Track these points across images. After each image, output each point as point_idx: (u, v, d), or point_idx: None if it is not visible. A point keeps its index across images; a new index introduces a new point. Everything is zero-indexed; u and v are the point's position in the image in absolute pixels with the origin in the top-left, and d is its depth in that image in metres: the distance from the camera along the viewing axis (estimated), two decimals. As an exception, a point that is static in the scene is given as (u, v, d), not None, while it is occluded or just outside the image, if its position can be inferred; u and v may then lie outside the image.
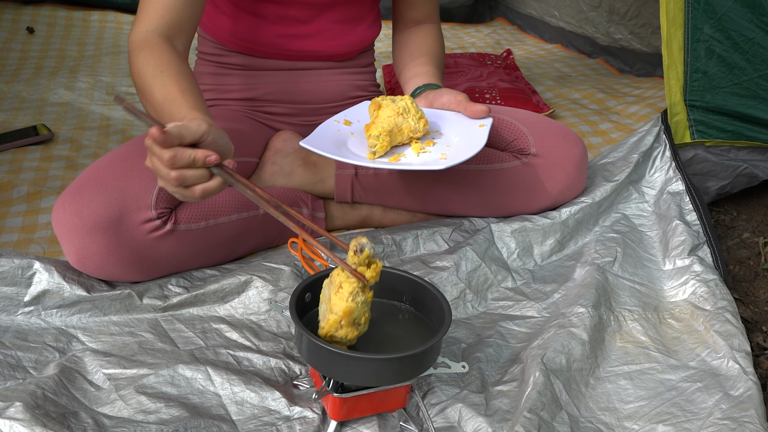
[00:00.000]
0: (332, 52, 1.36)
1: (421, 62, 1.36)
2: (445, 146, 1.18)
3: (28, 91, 1.92)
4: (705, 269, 1.26)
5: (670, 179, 1.45)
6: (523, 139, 1.31)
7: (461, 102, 1.24)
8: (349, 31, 1.36)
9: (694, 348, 1.12)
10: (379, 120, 1.16)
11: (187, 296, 1.13)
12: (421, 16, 1.44)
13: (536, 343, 1.08)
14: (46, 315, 1.09)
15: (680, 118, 1.47)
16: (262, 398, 0.97)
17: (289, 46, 1.33)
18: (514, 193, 1.32)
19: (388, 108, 1.17)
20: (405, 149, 1.19)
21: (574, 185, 1.35)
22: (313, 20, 1.32)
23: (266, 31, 1.31)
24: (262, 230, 1.28)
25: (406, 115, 1.17)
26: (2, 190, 1.42)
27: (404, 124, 1.17)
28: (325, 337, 0.88)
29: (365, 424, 0.94)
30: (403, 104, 1.18)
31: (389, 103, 1.18)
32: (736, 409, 0.98)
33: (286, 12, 1.30)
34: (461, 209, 1.36)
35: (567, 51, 2.52)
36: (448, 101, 1.26)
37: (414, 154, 1.17)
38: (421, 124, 1.18)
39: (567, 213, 1.33)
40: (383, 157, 1.15)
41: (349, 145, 1.18)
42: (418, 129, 1.18)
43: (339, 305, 0.86)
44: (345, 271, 0.87)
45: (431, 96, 1.28)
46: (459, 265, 1.23)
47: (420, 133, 1.18)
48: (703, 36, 1.41)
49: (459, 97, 1.25)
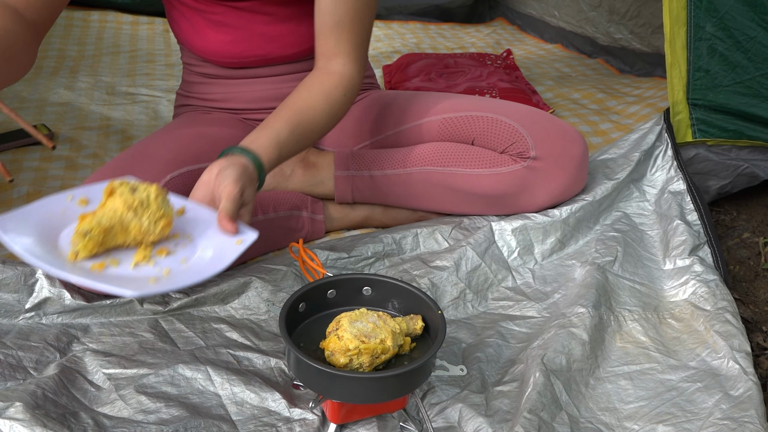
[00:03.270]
0: (277, 54, 1.30)
1: (280, 115, 1.09)
2: (180, 261, 0.91)
3: (28, 91, 1.92)
4: (705, 269, 1.25)
5: (672, 178, 1.45)
6: (522, 142, 1.27)
7: (221, 202, 0.95)
8: (288, 32, 1.28)
9: (694, 348, 1.12)
10: (100, 212, 0.89)
11: (188, 300, 1.13)
12: (328, 51, 1.17)
13: (536, 343, 1.08)
14: (47, 320, 1.09)
15: (683, 116, 1.47)
16: (262, 399, 0.97)
17: (234, 53, 1.29)
18: (514, 196, 1.31)
19: (120, 198, 0.90)
20: (127, 254, 0.91)
21: (575, 185, 1.34)
22: (244, 25, 1.26)
23: (209, 39, 1.29)
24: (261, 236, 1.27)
25: (142, 212, 0.90)
26: (2, 190, 1.42)
27: (133, 222, 0.90)
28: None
29: (365, 425, 0.94)
30: (143, 196, 0.91)
31: (125, 191, 0.91)
32: (736, 409, 0.98)
33: (215, 18, 1.26)
34: (462, 209, 1.35)
35: (567, 51, 2.52)
36: (202, 194, 0.97)
37: (130, 265, 0.89)
38: (159, 226, 0.91)
39: (568, 211, 1.33)
40: (88, 261, 0.88)
41: (64, 234, 0.91)
42: (151, 231, 0.91)
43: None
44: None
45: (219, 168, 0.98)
46: (459, 265, 1.23)
47: (154, 236, 0.92)
48: (706, 34, 1.41)
49: (220, 194, 0.95)
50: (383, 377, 0.86)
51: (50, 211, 0.93)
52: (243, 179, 0.96)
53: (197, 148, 1.24)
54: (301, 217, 1.32)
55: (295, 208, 1.32)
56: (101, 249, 0.89)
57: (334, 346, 0.90)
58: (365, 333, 0.90)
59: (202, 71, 1.36)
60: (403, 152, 1.33)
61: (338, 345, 0.90)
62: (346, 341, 0.89)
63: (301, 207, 1.32)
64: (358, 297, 1.02)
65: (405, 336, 0.95)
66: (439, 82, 2.01)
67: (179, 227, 0.96)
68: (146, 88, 1.99)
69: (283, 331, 0.90)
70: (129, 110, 1.85)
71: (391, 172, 1.33)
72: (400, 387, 0.88)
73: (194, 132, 1.29)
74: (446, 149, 1.31)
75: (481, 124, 1.30)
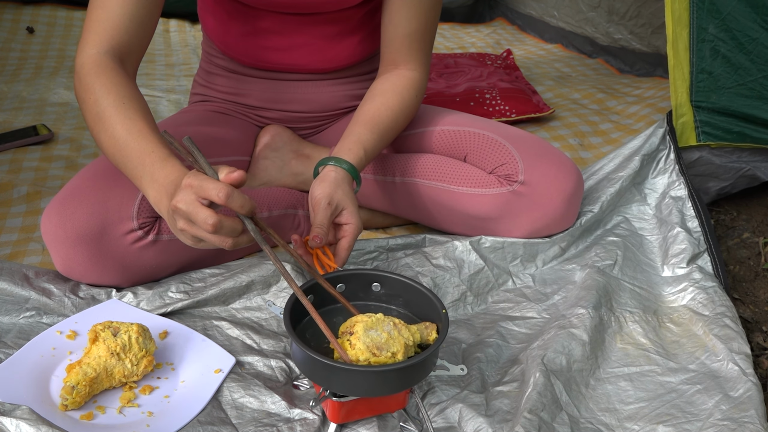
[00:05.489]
0: (313, 67, 1.32)
1: (359, 121, 1.19)
2: (163, 397, 0.96)
3: (28, 91, 1.92)
4: (704, 277, 1.25)
5: (673, 183, 1.43)
6: (512, 164, 1.23)
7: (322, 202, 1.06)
8: (331, 47, 1.30)
9: (693, 351, 1.12)
10: (85, 363, 0.93)
11: (189, 301, 1.13)
12: (398, 59, 1.25)
13: (536, 343, 1.08)
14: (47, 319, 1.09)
15: (686, 119, 1.45)
16: (262, 402, 0.97)
17: (268, 58, 1.30)
18: (495, 220, 1.26)
19: (103, 345, 0.95)
20: (113, 397, 0.96)
21: (561, 219, 1.27)
22: (289, 34, 1.28)
23: (246, 41, 1.29)
24: None
25: (124, 355, 0.95)
26: (2, 190, 1.42)
27: (117, 367, 0.95)
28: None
29: (365, 425, 0.94)
30: (124, 339, 0.95)
31: (108, 336, 0.95)
32: (736, 410, 0.98)
33: (261, 24, 1.27)
34: (441, 225, 1.32)
35: (567, 51, 2.52)
36: (318, 196, 1.07)
37: (116, 410, 0.94)
38: (141, 366, 0.96)
39: (577, 223, 1.32)
40: (77, 411, 0.92)
41: (55, 375, 0.97)
42: (134, 373, 0.96)
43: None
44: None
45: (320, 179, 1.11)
46: (461, 267, 1.23)
47: (137, 376, 0.97)
48: (708, 36, 1.40)
49: (324, 198, 1.05)
50: (384, 371, 0.86)
51: (41, 351, 1.00)
52: (329, 188, 1.06)
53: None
54: (296, 215, 1.32)
55: (291, 207, 1.31)
56: (88, 397, 0.94)
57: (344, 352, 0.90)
58: (378, 344, 0.89)
59: (221, 63, 1.36)
60: (392, 160, 1.32)
61: (349, 352, 0.89)
62: (357, 351, 0.88)
63: (297, 205, 1.32)
64: (367, 293, 1.02)
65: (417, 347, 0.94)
66: (439, 82, 2.01)
67: (161, 355, 1.03)
68: (146, 88, 1.99)
69: (286, 320, 0.90)
70: (129, 110, 1.85)
71: (380, 178, 1.32)
72: (400, 381, 0.88)
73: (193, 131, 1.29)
74: (435, 162, 1.28)
75: (475, 140, 1.27)
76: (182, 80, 2.07)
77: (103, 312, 1.08)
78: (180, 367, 1.01)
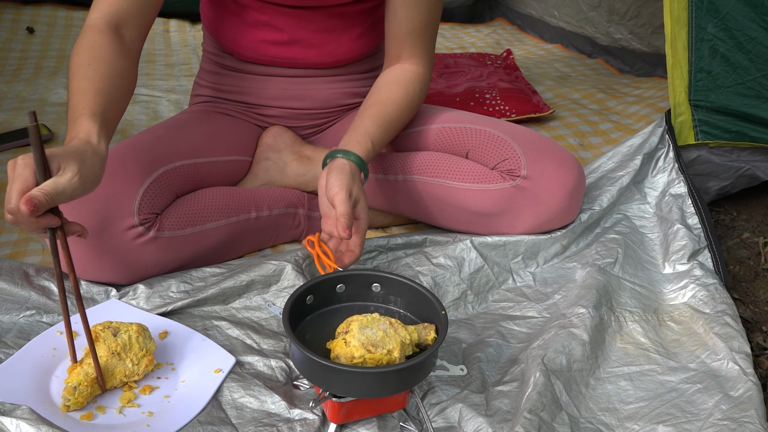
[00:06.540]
0: (311, 61, 1.33)
1: (365, 114, 1.21)
2: (163, 397, 0.96)
3: (28, 91, 1.92)
4: (705, 273, 1.25)
5: (673, 181, 1.44)
6: (515, 159, 1.24)
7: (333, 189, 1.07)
8: (329, 42, 1.31)
9: (693, 350, 1.12)
10: (86, 363, 0.94)
11: (189, 300, 1.13)
12: (402, 54, 1.28)
13: (537, 343, 1.08)
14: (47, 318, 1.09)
15: (685, 118, 1.45)
16: (262, 402, 0.97)
17: (267, 52, 1.31)
18: (498, 216, 1.26)
19: (103, 345, 0.95)
20: (113, 397, 0.96)
21: (563, 214, 1.27)
22: (287, 27, 1.29)
23: (246, 35, 1.30)
24: (254, 233, 1.27)
25: (125, 355, 0.95)
26: (2, 190, 1.42)
27: (118, 367, 0.95)
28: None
29: (365, 425, 0.94)
30: (124, 338, 0.96)
31: (108, 336, 0.96)
32: (736, 410, 0.98)
33: (260, 17, 1.28)
34: (445, 223, 1.32)
35: (567, 51, 2.52)
36: (322, 201, 1.09)
37: (116, 410, 0.94)
38: (141, 366, 0.97)
39: (577, 221, 1.32)
40: (77, 412, 0.93)
41: (55, 376, 0.97)
42: (135, 373, 0.97)
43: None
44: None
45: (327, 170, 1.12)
46: (461, 266, 1.23)
47: (138, 376, 0.97)
48: (707, 35, 1.40)
49: (333, 199, 1.06)
50: (383, 372, 0.86)
51: (41, 351, 1.00)
52: (347, 180, 1.08)
53: (194, 143, 1.26)
54: (297, 214, 1.32)
55: (291, 206, 1.31)
56: (90, 398, 0.94)
57: (340, 351, 0.90)
58: (373, 341, 0.89)
59: (220, 61, 1.37)
60: (393, 158, 1.32)
61: (344, 350, 0.89)
62: (352, 348, 0.89)
63: (297, 204, 1.32)
64: (367, 293, 1.02)
65: (415, 347, 0.94)
66: (439, 82, 2.01)
67: (161, 355, 1.02)
68: (146, 88, 1.99)
69: (285, 321, 0.90)
70: (129, 110, 1.85)
71: (381, 176, 1.32)
72: (399, 383, 0.88)
73: (194, 131, 1.29)
74: (438, 159, 1.29)
75: (477, 136, 1.28)
76: (182, 80, 2.07)
77: (103, 312, 1.08)
78: (180, 367, 1.01)
